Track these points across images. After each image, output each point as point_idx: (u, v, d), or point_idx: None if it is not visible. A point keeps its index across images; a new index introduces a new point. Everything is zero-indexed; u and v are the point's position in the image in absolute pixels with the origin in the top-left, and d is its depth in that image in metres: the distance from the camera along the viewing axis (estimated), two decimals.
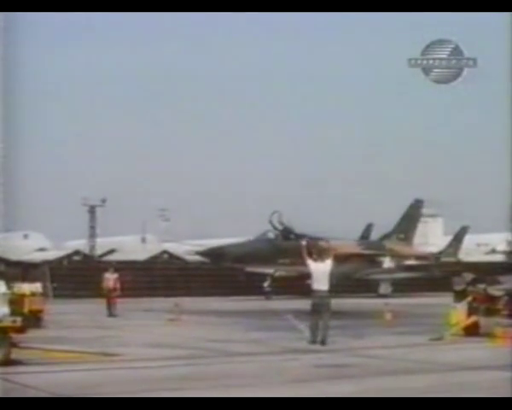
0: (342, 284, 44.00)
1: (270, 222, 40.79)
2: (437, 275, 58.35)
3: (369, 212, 62.30)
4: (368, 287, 54.17)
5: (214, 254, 40.25)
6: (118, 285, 34.53)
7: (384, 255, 54.93)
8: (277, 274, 52.44)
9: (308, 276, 21.90)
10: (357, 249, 51.79)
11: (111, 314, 33.22)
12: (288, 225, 41.04)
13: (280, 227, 40.81)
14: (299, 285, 52.85)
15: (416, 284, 57.46)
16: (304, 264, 21.75)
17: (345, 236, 50.72)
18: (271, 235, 41.02)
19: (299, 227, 41.01)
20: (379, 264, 53.71)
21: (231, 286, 53.57)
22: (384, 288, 55.35)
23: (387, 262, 54.73)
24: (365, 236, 62.25)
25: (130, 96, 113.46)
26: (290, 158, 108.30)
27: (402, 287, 55.23)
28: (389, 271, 55.09)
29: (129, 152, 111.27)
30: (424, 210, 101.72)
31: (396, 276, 55.91)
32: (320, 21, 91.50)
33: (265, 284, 52.23)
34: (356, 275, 51.26)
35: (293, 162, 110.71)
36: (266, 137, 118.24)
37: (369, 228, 63.61)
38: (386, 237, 56.55)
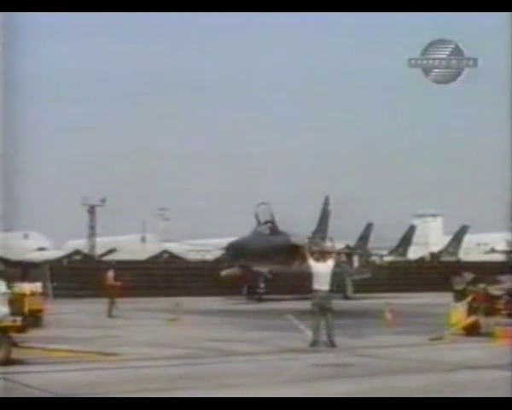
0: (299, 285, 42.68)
1: (256, 215, 38.64)
2: (383, 276, 57.85)
3: (368, 211, 62.25)
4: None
5: (234, 249, 37.93)
6: (117, 284, 34.36)
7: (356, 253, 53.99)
8: (224, 273, 50.86)
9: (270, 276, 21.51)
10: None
11: (110, 315, 33.01)
12: (274, 219, 39.10)
13: (268, 219, 38.65)
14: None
15: (373, 284, 56.81)
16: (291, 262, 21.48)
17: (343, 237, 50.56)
18: (265, 230, 38.79)
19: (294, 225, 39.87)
20: (350, 263, 52.52)
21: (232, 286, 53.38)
22: (349, 289, 53.31)
23: (356, 262, 53.85)
24: (364, 236, 62.16)
25: (130, 95, 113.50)
26: (289, 158, 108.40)
27: (360, 287, 54.35)
28: (359, 271, 54.01)
29: (129, 152, 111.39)
30: (425, 210, 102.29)
31: (364, 276, 54.88)
32: (319, 21, 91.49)
33: (261, 285, 48.24)
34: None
35: (292, 163, 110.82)
36: (266, 137, 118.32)
37: (368, 228, 63.59)
38: (314, 234, 55.26)
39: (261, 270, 45.56)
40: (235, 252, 39.12)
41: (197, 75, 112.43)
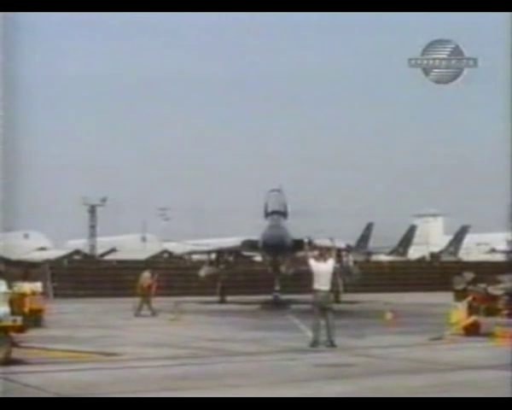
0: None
1: (265, 204, 36.88)
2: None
3: (369, 212, 62.30)
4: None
5: (271, 245, 34.91)
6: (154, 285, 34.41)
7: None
8: (203, 273, 49.25)
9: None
10: None
11: (138, 314, 33.01)
12: (286, 209, 37.08)
13: (276, 209, 36.72)
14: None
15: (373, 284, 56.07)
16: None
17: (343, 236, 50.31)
18: (281, 222, 36.74)
19: None
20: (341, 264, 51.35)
21: (233, 286, 53.23)
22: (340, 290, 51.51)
23: (351, 262, 52.96)
24: (365, 235, 62.21)
25: (130, 95, 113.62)
26: (289, 158, 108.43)
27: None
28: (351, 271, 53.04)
29: (129, 152, 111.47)
30: (425, 210, 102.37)
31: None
32: (319, 21, 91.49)
33: (277, 288, 39.74)
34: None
35: (291, 162, 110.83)
36: (266, 137, 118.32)
37: (369, 227, 63.74)
38: None
39: (282, 269, 40.75)
40: (273, 248, 36.38)
41: (196, 76, 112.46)
